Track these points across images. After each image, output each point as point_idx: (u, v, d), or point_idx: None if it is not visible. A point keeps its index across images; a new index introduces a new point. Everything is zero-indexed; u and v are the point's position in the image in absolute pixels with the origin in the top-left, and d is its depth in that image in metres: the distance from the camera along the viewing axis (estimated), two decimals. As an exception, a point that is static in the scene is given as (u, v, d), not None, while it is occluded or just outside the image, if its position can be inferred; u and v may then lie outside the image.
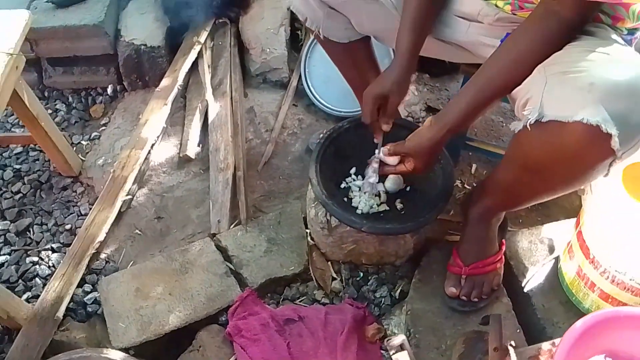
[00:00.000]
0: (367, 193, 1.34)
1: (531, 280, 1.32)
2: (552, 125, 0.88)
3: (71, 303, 1.44)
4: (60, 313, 1.40)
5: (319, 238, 1.44)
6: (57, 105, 2.01)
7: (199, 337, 1.32)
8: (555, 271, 1.32)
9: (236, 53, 1.96)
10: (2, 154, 1.87)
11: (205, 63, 1.91)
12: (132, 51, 1.89)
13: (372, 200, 1.33)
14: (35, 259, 1.57)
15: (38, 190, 1.75)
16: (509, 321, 1.26)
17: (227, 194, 1.58)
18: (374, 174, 1.29)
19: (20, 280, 1.53)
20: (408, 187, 1.38)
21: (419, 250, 1.42)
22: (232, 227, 1.52)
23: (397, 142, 1.20)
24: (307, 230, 1.48)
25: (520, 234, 1.41)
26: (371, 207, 1.33)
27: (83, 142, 1.89)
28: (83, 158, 1.82)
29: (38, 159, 1.83)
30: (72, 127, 1.95)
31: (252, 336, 1.27)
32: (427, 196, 1.33)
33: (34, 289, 1.51)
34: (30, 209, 1.70)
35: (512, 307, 1.29)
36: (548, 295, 1.29)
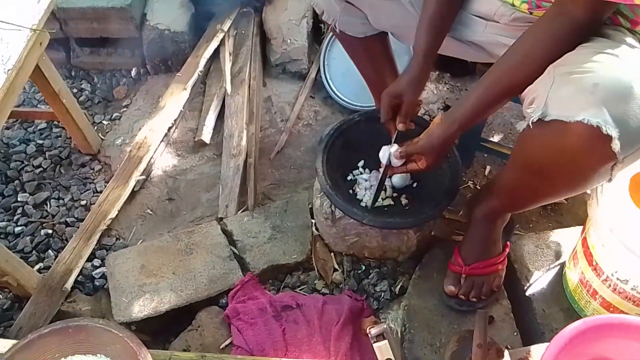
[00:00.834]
0: (373, 187, 1.34)
1: (534, 284, 1.31)
2: (554, 125, 0.88)
3: (80, 276, 1.49)
4: (69, 285, 1.45)
5: (323, 229, 1.45)
6: (83, 85, 2.06)
7: (199, 317, 1.35)
8: (560, 277, 1.31)
9: (258, 42, 1.98)
10: (27, 128, 1.92)
11: (227, 51, 1.93)
12: (157, 35, 1.93)
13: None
14: (50, 231, 1.62)
15: (58, 166, 1.80)
16: (507, 324, 1.25)
17: (237, 179, 1.60)
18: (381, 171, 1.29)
19: (34, 251, 1.59)
20: (415, 184, 1.38)
21: (422, 248, 1.41)
22: (240, 213, 1.54)
23: (408, 143, 1.20)
24: (313, 221, 1.49)
25: (527, 238, 1.39)
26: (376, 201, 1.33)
27: (104, 122, 1.93)
28: (103, 137, 1.86)
29: (60, 136, 1.88)
30: (95, 107, 2.00)
31: (249, 320, 1.29)
32: (433, 194, 1.33)
33: (46, 260, 1.56)
34: (49, 183, 1.75)
35: (512, 310, 1.28)
36: (550, 301, 1.27)
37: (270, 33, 1.95)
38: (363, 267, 1.44)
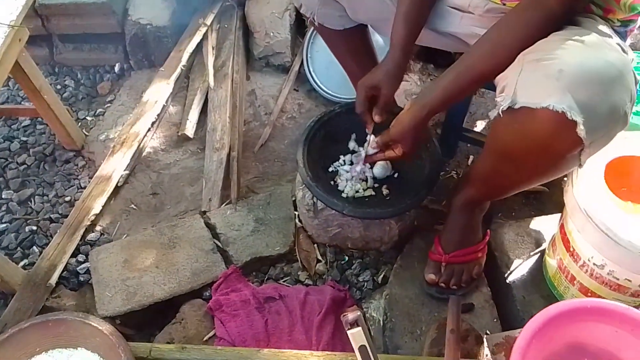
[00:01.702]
0: (354, 178, 1.35)
1: (514, 272, 1.32)
2: (522, 112, 0.88)
3: (65, 272, 1.49)
4: (53, 280, 1.45)
5: (305, 220, 1.46)
6: (66, 81, 2.05)
7: (182, 310, 1.35)
8: (540, 264, 1.32)
9: (241, 36, 1.98)
10: (11, 126, 1.92)
11: (210, 45, 1.93)
12: (139, 30, 1.92)
13: (358, 185, 1.34)
14: (34, 228, 1.62)
15: (42, 162, 1.79)
16: (487, 310, 1.26)
17: (220, 173, 1.61)
18: (361, 163, 1.30)
19: (18, 248, 1.59)
20: (396, 174, 1.39)
21: (405, 238, 1.42)
22: (223, 206, 1.55)
23: (381, 133, 1.20)
24: (296, 213, 1.50)
25: (508, 226, 1.40)
26: (357, 192, 1.34)
27: (88, 118, 1.93)
28: (87, 133, 1.86)
29: (44, 132, 1.87)
30: (79, 103, 1.99)
31: (232, 312, 1.29)
32: (413, 184, 1.34)
33: (31, 256, 1.56)
34: (33, 179, 1.75)
35: (493, 297, 1.29)
36: (530, 287, 1.28)
37: (253, 26, 1.94)
38: (346, 258, 1.45)
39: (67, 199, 1.69)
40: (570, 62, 0.84)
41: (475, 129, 1.77)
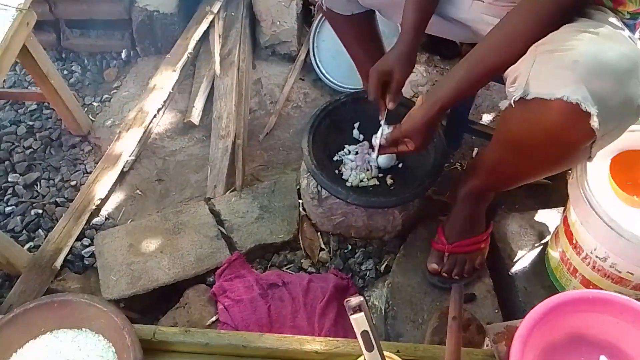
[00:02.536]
0: (359, 167, 1.35)
1: (517, 263, 1.32)
2: (535, 103, 0.88)
3: (70, 255, 1.50)
4: (58, 263, 1.46)
5: (309, 208, 1.46)
6: (73, 67, 2.06)
7: (186, 295, 1.36)
8: (542, 256, 1.32)
9: (247, 24, 1.97)
10: (18, 110, 1.93)
11: (216, 33, 1.93)
12: (146, 17, 1.92)
13: (362, 174, 1.35)
14: (40, 211, 1.63)
15: (48, 147, 1.80)
16: (488, 301, 1.27)
17: (226, 160, 1.61)
18: (372, 152, 1.30)
19: (24, 231, 1.60)
20: (400, 164, 1.39)
21: (408, 227, 1.43)
22: (228, 193, 1.56)
23: (392, 130, 1.20)
24: (300, 201, 1.50)
25: (511, 218, 1.40)
26: (361, 181, 1.35)
27: (94, 104, 1.94)
28: (93, 119, 1.87)
29: (50, 117, 1.88)
30: (86, 89, 2.00)
31: (235, 297, 1.30)
32: (418, 174, 1.34)
33: (36, 239, 1.57)
34: (40, 164, 1.76)
35: (495, 288, 1.30)
36: (532, 279, 1.29)
37: (260, 15, 1.94)
38: (349, 247, 1.45)
39: (73, 183, 1.70)
40: (585, 53, 0.84)
41: (481, 121, 1.77)
